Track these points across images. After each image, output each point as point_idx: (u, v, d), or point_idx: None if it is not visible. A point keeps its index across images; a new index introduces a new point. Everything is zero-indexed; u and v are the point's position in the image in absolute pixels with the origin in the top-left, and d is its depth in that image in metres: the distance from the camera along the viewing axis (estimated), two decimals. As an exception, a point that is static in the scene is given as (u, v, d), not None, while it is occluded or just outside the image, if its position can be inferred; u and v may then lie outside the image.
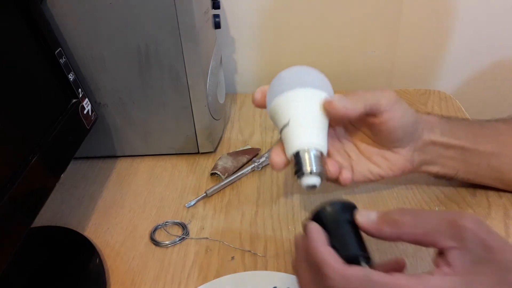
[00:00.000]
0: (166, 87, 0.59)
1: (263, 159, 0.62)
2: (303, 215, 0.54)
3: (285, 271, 0.46)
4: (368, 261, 0.33)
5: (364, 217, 0.34)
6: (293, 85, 0.40)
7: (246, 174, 0.61)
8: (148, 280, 0.47)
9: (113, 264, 0.49)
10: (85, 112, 0.56)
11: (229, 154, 0.63)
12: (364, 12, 0.80)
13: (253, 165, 0.61)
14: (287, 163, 0.40)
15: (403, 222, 0.32)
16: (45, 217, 0.55)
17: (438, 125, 0.48)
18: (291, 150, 0.38)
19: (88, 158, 0.66)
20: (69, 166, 0.51)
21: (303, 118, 0.38)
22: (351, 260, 0.32)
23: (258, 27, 0.82)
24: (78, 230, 0.53)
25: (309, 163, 0.37)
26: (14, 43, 0.46)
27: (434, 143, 0.47)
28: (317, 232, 0.34)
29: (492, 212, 0.52)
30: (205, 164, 0.64)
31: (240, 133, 0.72)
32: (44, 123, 0.48)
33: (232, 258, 0.49)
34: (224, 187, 0.59)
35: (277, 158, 0.40)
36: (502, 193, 0.55)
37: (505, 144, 0.49)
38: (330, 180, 0.43)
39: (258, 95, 0.43)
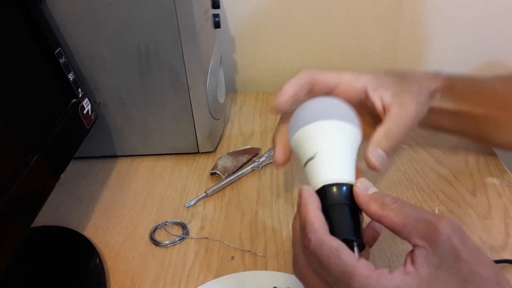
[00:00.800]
0: (166, 87, 0.59)
1: (263, 158, 0.62)
2: (303, 215, 0.54)
3: (285, 271, 0.46)
4: (362, 248, 0.33)
5: (363, 186, 0.34)
6: (319, 116, 0.38)
7: (246, 174, 0.61)
8: (148, 280, 0.47)
9: (113, 264, 0.49)
10: (85, 112, 0.55)
11: (229, 154, 0.63)
12: (364, 12, 0.80)
13: (253, 165, 0.61)
14: (288, 159, 0.41)
15: (390, 208, 0.32)
16: (45, 217, 0.55)
17: (441, 91, 0.49)
18: (317, 184, 0.36)
19: (88, 158, 0.66)
20: (69, 166, 0.51)
21: (330, 155, 0.37)
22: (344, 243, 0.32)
23: (258, 27, 0.82)
24: (78, 230, 0.53)
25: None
26: (14, 43, 0.46)
27: (432, 110, 0.49)
28: (311, 196, 0.34)
29: (492, 212, 0.52)
30: (205, 163, 0.64)
31: (240, 132, 0.72)
32: (44, 123, 0.48)
33: (232, 258, 0.49)
34: (224, 187, 0.59)
35: (281, 154, 0.41)
36: (502, 193, 0.55)
37: (498, 107, 0.51)
38: None
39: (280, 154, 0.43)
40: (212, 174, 0.61)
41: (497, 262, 0.45)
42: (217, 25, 0.66)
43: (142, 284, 0.46)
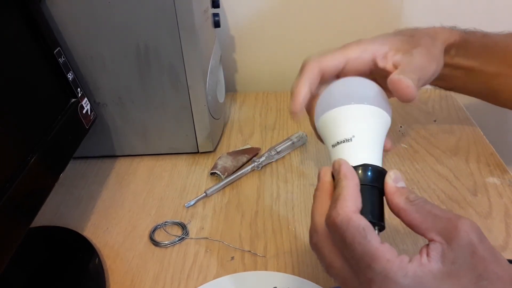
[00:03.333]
0: (166, 87, 0.59)
1: (263, 158, 0.62)
2: (303, 215, 0.54)
3: (285, 271, 0.46)
4: (381, 230, 0.34)
5: (394, 176, 0.34)
6: (360, 99, 0.38)
7: (246, 174, 0.61)
8: (148, 280, 0.47)
9: (113, 264, 0.49)
10: (84, 111, 0.55)
11: (229, 154, 0.63)
12: (364, 11, 0.80)
13: (253, 165, 0.61)
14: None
15: (412, 203, 0.32)
16: (44, 217, 0.55)
17: (455, 46, 0.49)
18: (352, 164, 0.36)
19: (87, 158, 0.66)
20: (68, 166, 0.51)
21: (368, 138, 0.37)
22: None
23: (258, 26, 0.82)
24: (77, 230, 0.53)
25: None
26: (13, 43, 0.46)
27: (445, 65, 0.48)
28: (351, 172, 0.34)
29: (493, 212, 0.52)
30: (205, 163, 0.64)
31: (240, 132, 0.72)
32: (43, 123, 0.48)
33: (232, 258, 0.48)
34: (224, 187, 0.59)
35: (301, 99, 0.40)
36: (503, 193, 0.55)
37: (509, 64, 0.52)
38: None
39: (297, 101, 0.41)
40: (212, 174, 0.61)
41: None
42: (216, 24, 0.66)
43: (142, 284, 0.46)
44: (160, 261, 0.49)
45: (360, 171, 0.35)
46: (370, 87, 0.40)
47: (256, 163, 0.61)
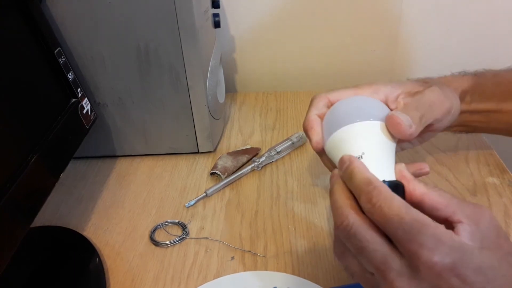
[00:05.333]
0: (166, 87, 0.59)
1: (263, 158, 0.62)
2: (303, 215, 0.54)
3: (285, 271, 0.46)
4: None
5: (406, 168, 0.35)
6: (365, 116, 0.38)
7: (246, 174, 0.61)
8: (148, 280, 0.47)
9: (113, 264, 0.49)
10: (84, 111, 0.55)
11: (229, 154, 0.63)
12: (365, 11, 0.80)
13: (253, 165, 0.61)
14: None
15: (434, 189, 0.33)
16: (45, 217, 0.55)
17: (470, 92, 0.50)
18: None
19: (87, 158, 0.66)
20: (68, 166, 0.51)
21: (377, 154, 0.37)
22: None
23: (258, 26, 0.82)
24: (77, 230, 0.53)
25: None
26: (14, 43, 0.46)
27: (463, 112, 0.48)
28: (361, 164, 0.34)
29: (493, 212, 0.52)
30: (205, 163, 0.64)
31: (240, 132, 0.72)
32: (43, 123, 0.48)
33: (232, 258, 0.49)
34: (224, 187, 0.59)
35: (318, 138, 0.40)
36: (502, 193, 0.55)
37: None
38: None
39: (316, 138, 0.41)
40: (212, 174, 0.61)
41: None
42: (217, 24, 0.66)
43: (142, 284, 0.46)
44: (160, 261, 0.49)
45: (399, 189, 0.34)
46: (373, 103, 0.40)
47: (256, 163, 0.61)
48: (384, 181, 0.34)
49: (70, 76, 0.53)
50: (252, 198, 0.57)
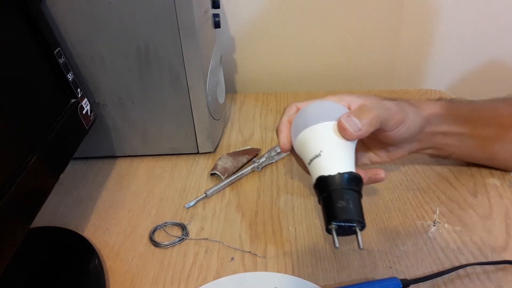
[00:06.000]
0: (166, 87, 0.59)
1: (263, 159, 0.62)
2: (303, 215, 0.54)
3: (285, 272, 0.46)
4: (362, 229, 0.37)
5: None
6: (322, 118, 0.42)
7: (246, 175, 0.61)
8: (148, 281, 0.47)
9: (113, 264, 0.49)
10: (84, 112, 0.55)
11: (229, 154, 0.63)
12: (365, 12, 0.80)
13: (253, 165, 0.61)
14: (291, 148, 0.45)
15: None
16: (44, 217, 0.55)
17: (442, 115, 0.51)
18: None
19: (87, 158, 0.66)
20: (68, 166, 0.51)
21: (333, 151, 0.41)
22: (348, 221, 0.37)
23: (258, 27, 0.82)
24: (77, 231, 0.53)
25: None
26: (13, 43, 0.46)
27: (433, 133, 0.51)
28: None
29: (494, 213, 0.52)
30: (205, 164, 0.64)
31: (240, 133, 0.72)
32: (43, 123, 0.48)
33: (232, 259, 0.48)
34: (224, 188, 0.59)
35: (284, 140, 0.45)
36: (503, 194, 0.54)
37: (502, 127, 0.53)
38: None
39: (284, 141, 0.45)
40: (212, 174, 0.61)
41: (498, 263, 0.45)
42: (217, 25, 0.66)
43: (142, 285, 0.46)
44: (160, 262, 0.49)
45: (336, 179, 0.38)
46: (332, 106, 0.45)
47: (256, 164, 0.61)
48: (339, 173, 0.38)
49: (70, 76, 0.53)
50: (252, 198, 0.57)
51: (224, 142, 0.69)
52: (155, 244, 0.51)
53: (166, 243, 0.51)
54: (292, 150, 0.45)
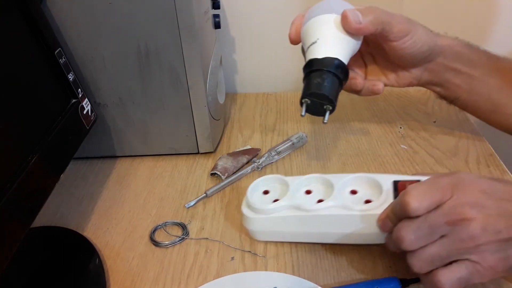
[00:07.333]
0: (166, 87, 0.59)
1: (263, 159, 0.62)
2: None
3: (285, 271, 0.46)
4: (332, 110, 0.44)
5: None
6: (325, 11, 0.48)
7: (246, 175, 0.61)
8: (148, 280, 0.47)
9: (113, 264, 0.49)
10: (84, 112, 0.55)
11: (229, 154, 0.63)
12: (364, 12, 0.80)
13: (253, 165, 0.61)
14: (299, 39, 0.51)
15: None
16: (45, 217, 0.55)
17: (458, 52, 0.52)
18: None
19: (87, 158, 0.66)
20: (68, 166, 0.51)
21: (330, 38, 0.46)
22: (319, 97, 0.44)
23: (258, 27, 0.82)
24: (77, 231, 0.53)
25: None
26: (14, 43, 0.46)
27: (446, 67, 0.52)
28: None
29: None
30: (205, 164, 0.64)
31: (240, 133, 0.72)
32: (43, 123, 0.48)
33: (232, 258, 0.49)
34: (224, 188, 0.59)
35: (294, 30, 0.51)
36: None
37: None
38: (355, 91, 0.53)
39: (292, 30, 0.51)
40: (212, 174, 0.61)
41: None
42: (217, 25, 0.66)
43: (142, 284, 0.46)
44: (160, 261, 0.49)
45: (321, 60, 0.45)
46: (340, 2, 0.49)
47: (256, 164, 0.61)
48: (327, 57, 0.44)
49: (71, 76, 0.53)
50: (252, 198, 0.57)
51: (224, 142, 0.69)
52: (156, 243, 0.51)
53: (167, 242, 0.51)
54: (294, 40, 0.51)
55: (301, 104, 0.45)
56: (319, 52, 0.46)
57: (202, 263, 0.48)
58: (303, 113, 0.45)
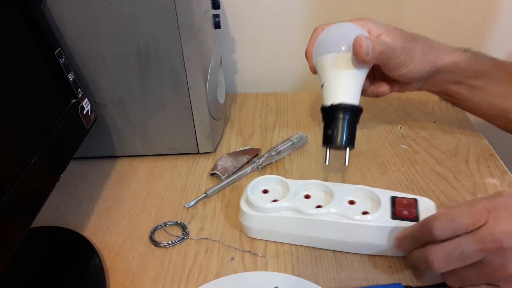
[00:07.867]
0: (166, 87, 0.59)
1: (263, 159, 0.62)
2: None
3: (285, 272, 0.46)
4: (352, 148, 0.47)
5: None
6: (331, 48, 0.48)
7: (246, 175, 0.61)
8: (148, 280, 0.47)
9: (113, 264, 0.49)
10: (84, 112, 0.55)
11: (229, 154, 0.63)
12: (365, 12, 0.80)
13: (253, 165, 0.61)
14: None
15: None
16: (45, 217, 0.55)
17: (463, 67, 0.53)
18: (326, 104, 0.48)
19: (87, 158, 0.66)
20: (68, 166, 0.51)
21: (332, 82, 0.47)
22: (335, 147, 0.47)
23: (258, 27, 0.82)
24: (77, 231, 0.53)
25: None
26: (14, 43, 0.46)
27: (447, 81, 0.54)
28: None
29: (493, 213, 0.52)
30: (205, 164, 0.64)
31: (240, 133, 0.72)
32: (43, 123, 0.48)
33: (232, 258, 0.48)
34: (224, 188, 0.59)
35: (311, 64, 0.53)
36: (502, 194, 0.55)
37: None
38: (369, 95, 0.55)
39: (310, 65, 0.53)
40: (212, 174, 0.61)
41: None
42: (217, 25, 0.66)
43: (142, 284, 0.46)
44: (160, 262, 0.49)
45: (327, 109, 0.46)
46: (347, 30, 0.50)
47: (256, 164, 0.61)
48: (332, 104, 0.46)
49: (71, 76, 0.53)
50: (252, 198, 0.57)
51: (224, 142, 0.69)
52: (155, 243, 0.51)
53: (166, 242, 0.51)
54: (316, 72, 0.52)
55: (325, 152, 0.49)
56: (326, 98, 0.48)
57: (202, 263, 0.48)
58: (326, 163, 0.48)
